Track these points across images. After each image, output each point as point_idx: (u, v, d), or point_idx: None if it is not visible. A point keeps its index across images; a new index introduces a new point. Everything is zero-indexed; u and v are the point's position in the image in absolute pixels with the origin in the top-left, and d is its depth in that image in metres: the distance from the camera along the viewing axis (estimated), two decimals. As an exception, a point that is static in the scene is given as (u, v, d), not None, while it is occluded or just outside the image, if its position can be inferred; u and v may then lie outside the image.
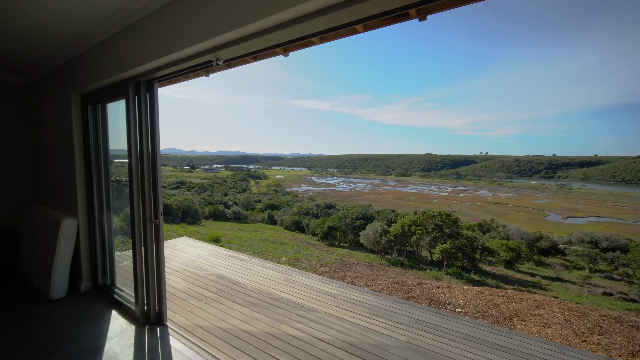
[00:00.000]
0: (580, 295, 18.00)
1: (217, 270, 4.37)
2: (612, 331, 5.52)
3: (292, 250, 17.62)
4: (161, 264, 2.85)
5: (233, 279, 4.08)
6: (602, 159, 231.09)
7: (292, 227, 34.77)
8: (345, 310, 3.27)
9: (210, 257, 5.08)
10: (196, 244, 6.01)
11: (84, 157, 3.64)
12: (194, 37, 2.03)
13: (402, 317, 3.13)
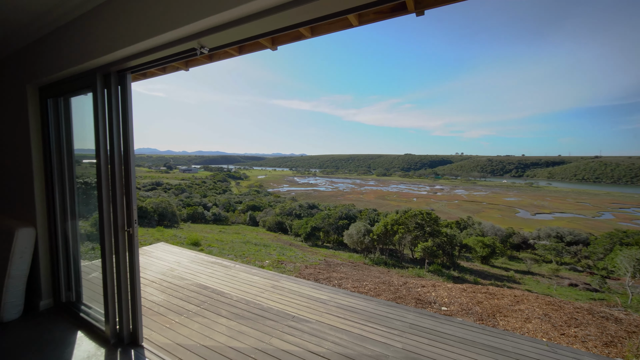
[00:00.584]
0: (550, 288, 19.10)
1: (199, 279, 4.05)
2: (586, 323, 5.80)
3: (276, 252, 17.28)
4: (136, 276, 2.55)
5: (217, 289, 3.79)
6: (565, 159, 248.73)
7: (274, 228, 34.25)
8: (338, 317, 3.13)
9: (190, 264, 4.72)
10: (174, 249, 5.59)
11: (44, 157, 3.21)
12: (175, 20, 1.77)
13: (396, 321, 3.04)
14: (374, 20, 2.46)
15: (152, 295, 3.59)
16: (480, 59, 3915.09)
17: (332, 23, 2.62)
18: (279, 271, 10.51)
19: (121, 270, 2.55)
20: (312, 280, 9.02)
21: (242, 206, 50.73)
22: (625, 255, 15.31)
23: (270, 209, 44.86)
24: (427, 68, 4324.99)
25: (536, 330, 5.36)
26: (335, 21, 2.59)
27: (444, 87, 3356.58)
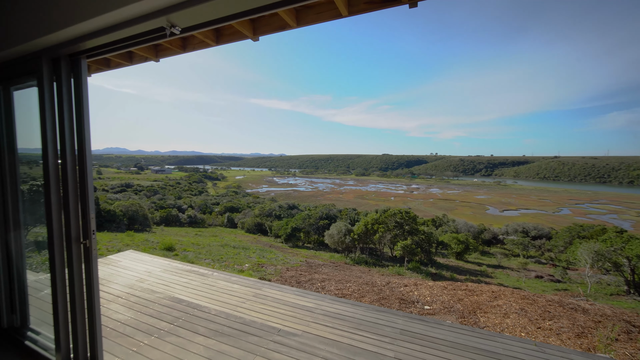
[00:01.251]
0: (519, 280, 20.24)
1: (173, 291, 3.66)
2: (558, 315, 6.07)
3: (255, 254, 16.79)
4: (94, 293, 2.20)
5: (192, 302, 3.41)
6: (529, 159, 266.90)
7: (253, 229, 33.48)
8: (326, 326, 2.94)
9: (162, 273, 4.28)
10: (145, 257, 5.09)
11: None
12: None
13: (386, 328, 2.92)
14: (365, 11, 2.29)
15: (116, 313, 3.16)
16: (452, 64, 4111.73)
17: (319, 12, 2.42)
18: (260, 275, 10.15)
19: (75, 287, 2.18)
20: (295, 284, 8.78)
21: (220, 208, 49.16)
22: (585, 248, 16.52)
23: (249, 210, 43.84)
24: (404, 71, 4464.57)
25: (515, 325, 5.51)
26: (323, 9, 2.39)
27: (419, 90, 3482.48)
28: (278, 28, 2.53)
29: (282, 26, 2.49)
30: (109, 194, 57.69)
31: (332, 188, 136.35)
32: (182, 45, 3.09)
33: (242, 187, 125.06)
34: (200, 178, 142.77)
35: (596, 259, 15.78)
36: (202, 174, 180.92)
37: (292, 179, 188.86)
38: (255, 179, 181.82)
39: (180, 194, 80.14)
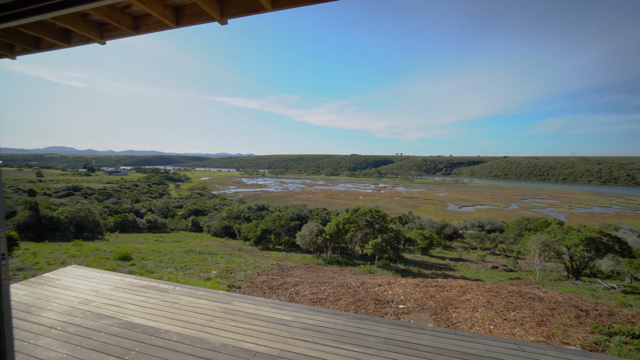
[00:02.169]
0: (478, 272, 21.74)
1: (125, 314, 3.10)
2: (520, 305, 6.46)
3: (223, 260, 15.93)
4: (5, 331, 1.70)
5: (150, 326, 2.91)
6: (483, 159, 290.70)
7: (221, 233, 32.00)
8: (306, 341, 2.70)
9: (113, 292, 3.65)
10: (92, 274, 4.35)
11: None
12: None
13: (370, 338, 2.76)
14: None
15: (47, 351, 2.54)
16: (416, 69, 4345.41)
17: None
18: (229, 282, 9.56)
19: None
20: (267, 289, 8.38)
21: (183, 211, 46.32)
22: (534, 239, 18.17)
23: (216, 212, 41.89)
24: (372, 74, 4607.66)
25: (483, 318, 5.74)
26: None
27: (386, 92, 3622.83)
28: (250, 10, 2.22)
29: (255, 8, 2.19)
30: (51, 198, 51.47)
31: (302, 188, 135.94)
32: (133, 26, 2.64)
33: (207, 189, 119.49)
34: (161, 179, 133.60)
35: (543, 249, 17.46)
36: (163, 175, 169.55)
37: (261, 180, 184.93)
38: (222, 179, 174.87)
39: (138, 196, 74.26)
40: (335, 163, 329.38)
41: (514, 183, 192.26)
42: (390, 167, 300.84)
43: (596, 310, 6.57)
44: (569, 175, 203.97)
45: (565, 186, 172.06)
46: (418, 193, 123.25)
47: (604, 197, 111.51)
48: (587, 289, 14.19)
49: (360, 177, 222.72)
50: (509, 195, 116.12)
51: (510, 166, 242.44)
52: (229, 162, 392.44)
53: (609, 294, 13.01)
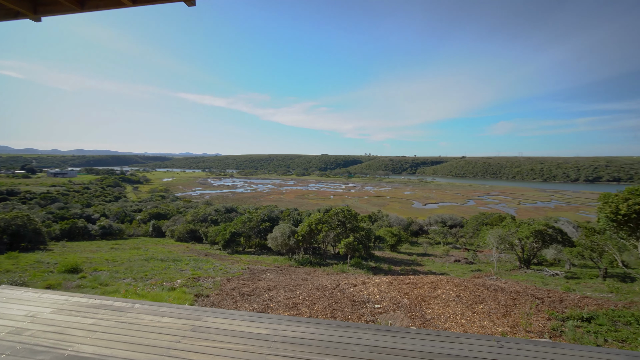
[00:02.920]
0: (443, 266, 22.97)
1: (70, 344, 2.54)
2: (486, 298, 6.82)
3: (189, 266, 14.95)
4: None
5: (102, 355, 2.43)
6: (444, 159, 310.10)
7: (186, 237, 30.18)
8: (287, 357, 2.48)
9: (55, 316, 3.04)
10: (28, 295, 3.62)
11: None
12: None
13: (354, 347, 2.63)
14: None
15: None
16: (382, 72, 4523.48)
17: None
18: (196, 291, 8.91)
19: None
20: (238, 296, 7.93)
21: (143, 215, 42.96)
22: (492, 233, 19.61)
23: (180, 216, 39.43)
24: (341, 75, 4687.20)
25: (455, 313, 5.94)
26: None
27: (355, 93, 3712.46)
28: None
29: None
30: (-21, 204, 44.88)
31: (272, 189, 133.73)
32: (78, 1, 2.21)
33: (170, 191, 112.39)
34: (116, 181, 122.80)
35: (500, 242, 18.91)
36: (119, 176, 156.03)
37: (229, 180, 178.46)
38: (187, 181, 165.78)
39: (90, 200, 67.53)
40: (306, 163, 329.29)
41: (471, 181, 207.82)
42: (359, 167, 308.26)
43: (549, 298, 7.16)
44: (517, 173, 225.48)
45: (514, 183, 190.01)
46: (386, 192, 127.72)
47: (545, 193, 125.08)
48: (537, 276, 15.65)
49: (331, 177, 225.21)
50: (467, 193, 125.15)
51: (467, 166, 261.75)
52: (193, 163, 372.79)
53: (554, 280, 14.46)
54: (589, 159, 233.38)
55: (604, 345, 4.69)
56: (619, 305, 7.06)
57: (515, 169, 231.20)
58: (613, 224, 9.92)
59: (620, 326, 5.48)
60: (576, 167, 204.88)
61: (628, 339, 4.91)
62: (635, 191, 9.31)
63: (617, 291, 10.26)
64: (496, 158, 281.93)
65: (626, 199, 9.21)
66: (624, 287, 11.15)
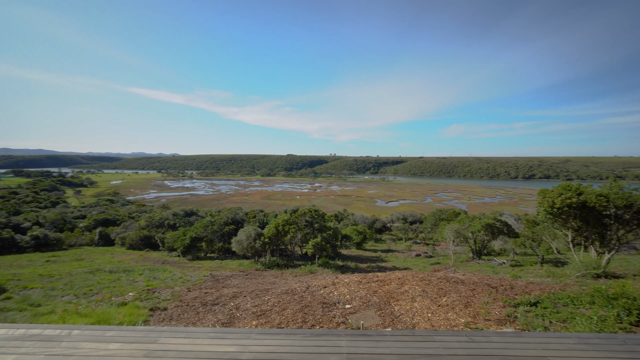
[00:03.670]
0: (405, 260, 24.08)
1: None
2: (448, 290, 7.18)
3: (143, 277, 13.63)
4: None
5: None
6: (404, 159, 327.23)
7: (139, 245, 27.62)
8: (258, 377, 2.25)
9: None
10: None
11: None
12: None
13: (332, 357, 2.49)
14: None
15: None
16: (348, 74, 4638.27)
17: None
18: (151, 304, 8.07)
19: None
20: (200, 307, 7.35)
21: (87, 222, 38.42)
22: (449, 228, 21.02)
23: (132, 221, 36.00)
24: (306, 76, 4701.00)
25: (422, 308, 6.13)
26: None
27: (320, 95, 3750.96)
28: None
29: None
30: None
31: (236, 190, 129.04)
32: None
33: (121, 194, 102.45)
34: (53, 185, 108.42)
35: (456, 236, 20.35)
36: (56, 179, 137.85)
37: (188, 182, 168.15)
38: (140, 183, 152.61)
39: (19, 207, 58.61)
40: (271, 163, 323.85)
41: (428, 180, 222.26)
42: (325, 167, 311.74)
43: (502, 286, 7.79)
44: (467, 172, 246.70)
45: (465, 181, 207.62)
46: (351, 191, 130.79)
47: (491, 190, 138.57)
48: (488, 266, 17.14)
49: (297, 177, 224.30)
50: (425, 191, 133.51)
51: (425, 165, 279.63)
52: (147, 163, 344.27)
53: (503, 268, 15.96)
54: (525, 159, 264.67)
55: (550, 327, 5.18)
56: (556, 288, 7.94)
57: (466, 168, 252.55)
58: (550, 216, 11.22)
59: (560, 307, 6.13)
60: (515, 166, 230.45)
61: (567, 319, 5.50)
62: (567, 187, 10.64)
63: (553, 275, 11.61)
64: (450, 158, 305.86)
65: (560, 193, 10.47)
66: (558, 271, 12.67)
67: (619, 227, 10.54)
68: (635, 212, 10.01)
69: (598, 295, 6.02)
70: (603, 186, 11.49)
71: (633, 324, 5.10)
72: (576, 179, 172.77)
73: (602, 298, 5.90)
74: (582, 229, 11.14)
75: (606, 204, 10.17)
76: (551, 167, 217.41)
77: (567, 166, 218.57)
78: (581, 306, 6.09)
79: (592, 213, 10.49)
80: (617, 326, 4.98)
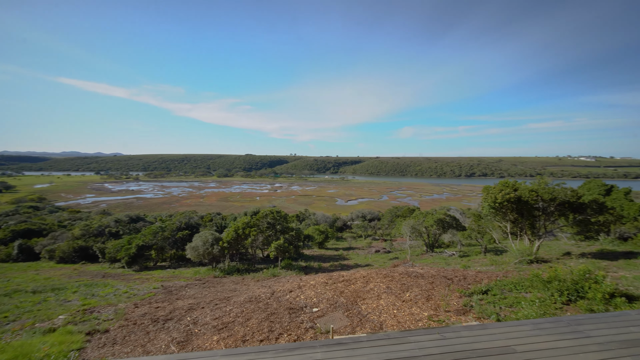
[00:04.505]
0: (366, 257, 24.83)
1: None
2: (410, 285, 7.46)
3: (78, 295, 11.81)
4: None
5: None
6: (361, 159, 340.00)
7: (73, 257, 24.07)
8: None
9: None
10: None
11: None
12: None
13: (307, 372, 2.30)
14: None
15: None
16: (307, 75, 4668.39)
17: None
18: (89, 327, 6.95)
19: None
20: (150, 324, 6.54)
21: (2, 233, 32.27)
22: (405, 224, 22.21)
23: (64, 231, 31.26)
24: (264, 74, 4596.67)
25: (387, 305, 6.24)
26: None
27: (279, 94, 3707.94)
28: None
29: None
30: None
31: (190, 192, 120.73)
32: None
33: (48, 200, 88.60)
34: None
35: (412, 231, 21.59)
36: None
37: (134, 185, 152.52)
38: (73, 186, 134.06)
39: None
40: (229, 163, 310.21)
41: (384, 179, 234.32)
42: (285, 167, 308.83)
43: (456, 277, 8.36)
44: (418, 171, 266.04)
45: (417, 180, 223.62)
46: (311, 191, 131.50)
47: (439, 187, 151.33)
48: (440, 258, 18.52)
49: (256, 178, 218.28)
50: (381, 189, 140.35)
51: (381, 165, 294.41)
52: (83, 164, 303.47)
53: (453, 259, 17.38)
54: (467, 158, 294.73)
55: (501, 312, 5.65)
56: (500, 275, 8.81)
57: (417, 167, 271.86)
58: (493, 210, 12.49)
59: (506, 293, 6.76)
60: (459, 165, 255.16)
61: (514, 303, 6.07)
62: (506, 184, 11.97)
63: (495, 263, 12.93)
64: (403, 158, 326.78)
65: (500, 190, 11.73)
66: (499, 259, 14.17)
67: (546, 218, 12.16)
68: (557, 205, 11.64)
69: (536, 280, 6.78)
70: (533, 182, 13.19)
71: (564, 303, 5.83)
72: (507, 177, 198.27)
73: (539, 282, 6.66)
74: (518, 221, 12.61)
75: (536, 198, 11.64)
76: (488, 166, 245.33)
77: (500, 165, 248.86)
78: (523, 290, 6.80)
79: (525, 206, 11.92)
80: (553, 306, 5.64)
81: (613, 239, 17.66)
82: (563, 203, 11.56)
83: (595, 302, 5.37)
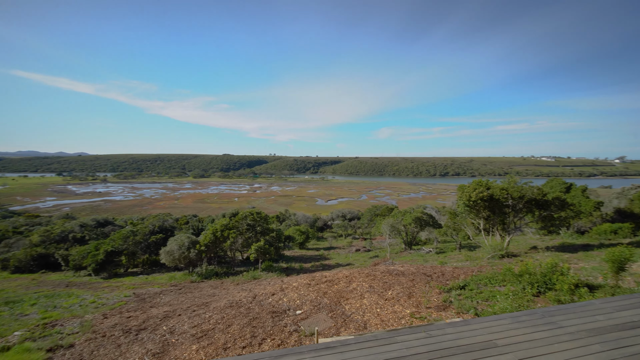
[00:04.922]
0: (347, 256, 25.05)
1: None
2: (392, 283, 7.57)
3: (37, 307, 10.83)
4: None
5: None
6: (341, 159, 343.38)
7: (31, 266, 22.10)
8: None
9: None
10: None
11: None
12: None
13: (295, 381, 2.21)
14: None
15: None
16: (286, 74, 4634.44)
17: None
18: (50, 343, 6.35)
19: None
20: (121, 336, 6.10)
21: (-55, 242, 28.85)
22: (385, 223, 22.65)
23: (20, 237, 28.64)
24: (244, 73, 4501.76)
25: (370, 304, 6.29)
26: None
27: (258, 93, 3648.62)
28: None
29: None
30: None
31: (164, 194, 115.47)
32: None
33: (0, 204, 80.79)
34: None
35: (391, 230, 22.06)
36: None
37: (101, 186, 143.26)
38: (31, 189, 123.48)
39: None
40: (205, 164, 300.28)
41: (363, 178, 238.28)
42: (264, 167, 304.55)
43: (435, 273, 8.62)
44: (396, 171, 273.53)
45: (394, 179, 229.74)
46: (291, 191, 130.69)
47: (415, 186, 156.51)
48: (418, 255, 19.09)
49: (235, 178, 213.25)
50: (360, 189, 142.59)
51: (360, 165, 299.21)
52: (42, 164, 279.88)
53: (430, 256, 17.98)
54: (441, 159, 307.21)
55: (478, 306, 5.88)
56: (475, 270, 9.21)
57: (394, 167, 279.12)
58: (467, 208, 13.08)
59: (482, 288, 7.06)
60: (434, 165, 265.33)
61: (489, 297, 6.35)
62: (480, 182, 12.59)
63: (470, 259, 13.53)
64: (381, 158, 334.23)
65: (474, 188, 12.31)
66: (473, 254, 14.85)
67: (515, 215, 12.93)
68: (526, 202, 12.42)
69: (508, 274, 7.15)
70: (503, 181, 13.99)
71: (535, 295, 6.19)
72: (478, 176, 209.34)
73: (511, 276, 7.03)
74: (490, 218, 13.29)
75: (507, 196, 12.34)
76: (460, 166, 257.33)
77: (471, 165, 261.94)
78: (497, 284, 7.14)
79: (497, 204, 12.60)
80: (525, 298, 5.97)
81: (572, 233, 19.18)
82: (530, 200, 12.36)
83: (562, 293, 5.75)
